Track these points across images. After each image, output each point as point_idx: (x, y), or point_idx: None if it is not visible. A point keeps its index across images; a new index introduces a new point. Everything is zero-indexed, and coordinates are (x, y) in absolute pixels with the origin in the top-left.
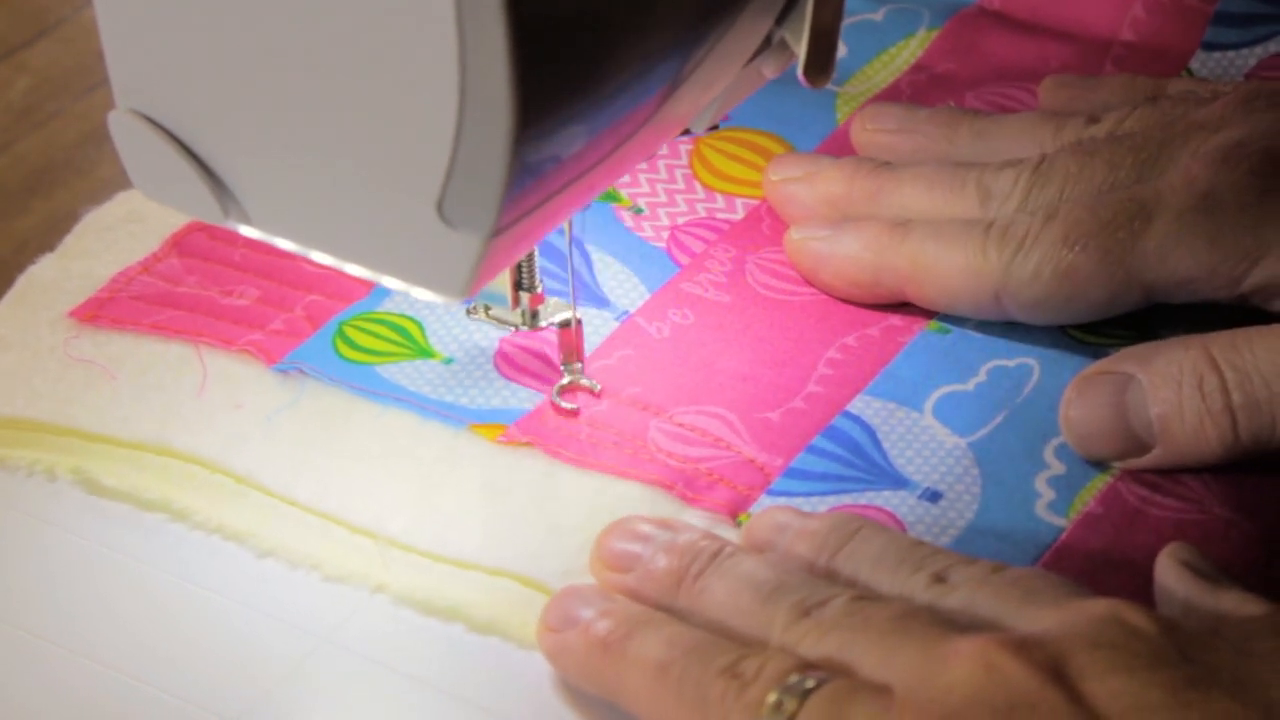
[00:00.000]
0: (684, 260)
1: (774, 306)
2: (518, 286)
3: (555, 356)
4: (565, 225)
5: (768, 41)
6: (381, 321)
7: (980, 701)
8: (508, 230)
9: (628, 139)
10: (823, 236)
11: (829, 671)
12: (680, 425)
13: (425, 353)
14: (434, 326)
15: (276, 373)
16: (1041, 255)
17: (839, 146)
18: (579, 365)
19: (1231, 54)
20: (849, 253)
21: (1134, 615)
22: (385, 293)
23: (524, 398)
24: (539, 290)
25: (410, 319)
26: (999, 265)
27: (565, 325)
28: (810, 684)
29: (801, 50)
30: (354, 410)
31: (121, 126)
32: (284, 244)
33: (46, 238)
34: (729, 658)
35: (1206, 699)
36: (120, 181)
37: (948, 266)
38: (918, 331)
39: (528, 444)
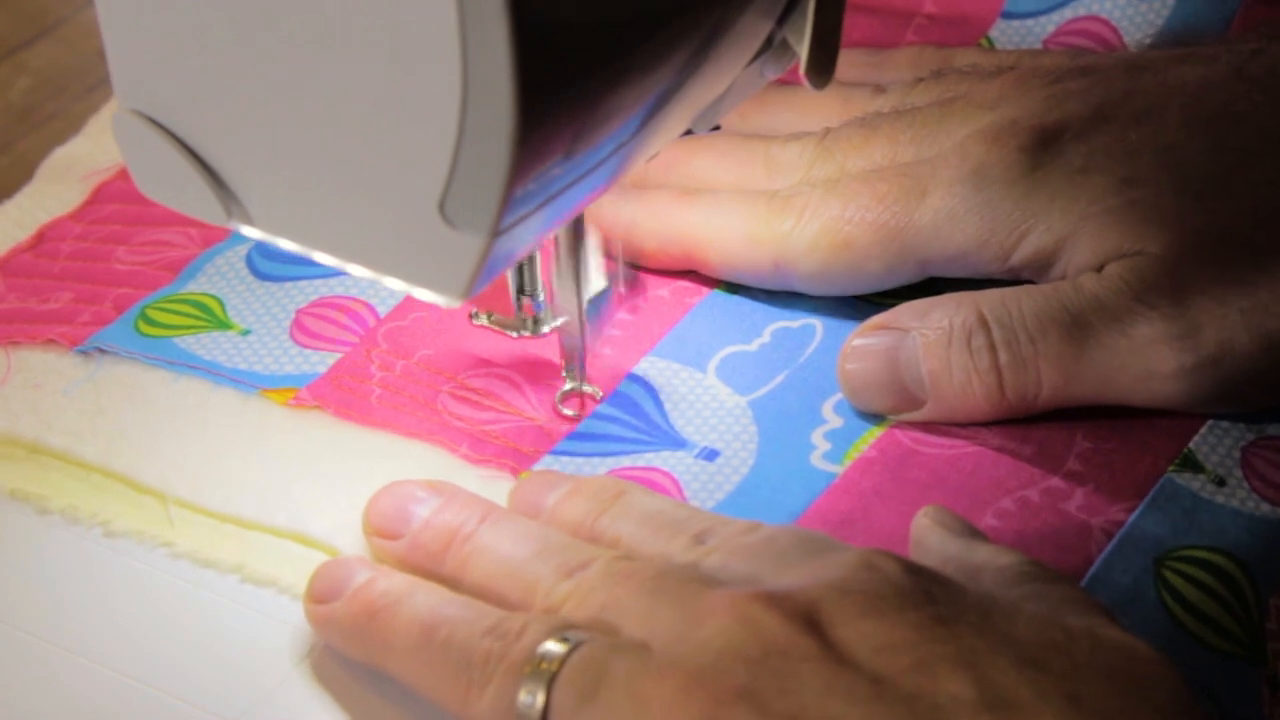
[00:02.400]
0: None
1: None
2: (520, 292)
3: (357, 319)
4: (570, 246)
5: (769, 42)
6: (184, 300)
7: (735, 653)
8: (509, 231)
9: (629, 140)
10: (609, 203)
11: (592, 632)
12: (470, 390)
13: (223, 324)
14: (234, 302)
15: (77, 355)
16: (819, 227)
17: None
18: (581, 370)
19: (1030, 22)
20: (634, 219)
21: (883, 561)
22: (191, 277)
23: (317, 362)
24: (541, 296)
25: (212, 296)
26: (778, 235)
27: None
28: (572, 643)
29: (803, 51)
30: (148, 380)
31: (123, 126)
32: (286, 244)
33: None
34: (492, 619)
35: (952, 634)
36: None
37: (730, 235)
38: (706, 294)
39: (317, 407)
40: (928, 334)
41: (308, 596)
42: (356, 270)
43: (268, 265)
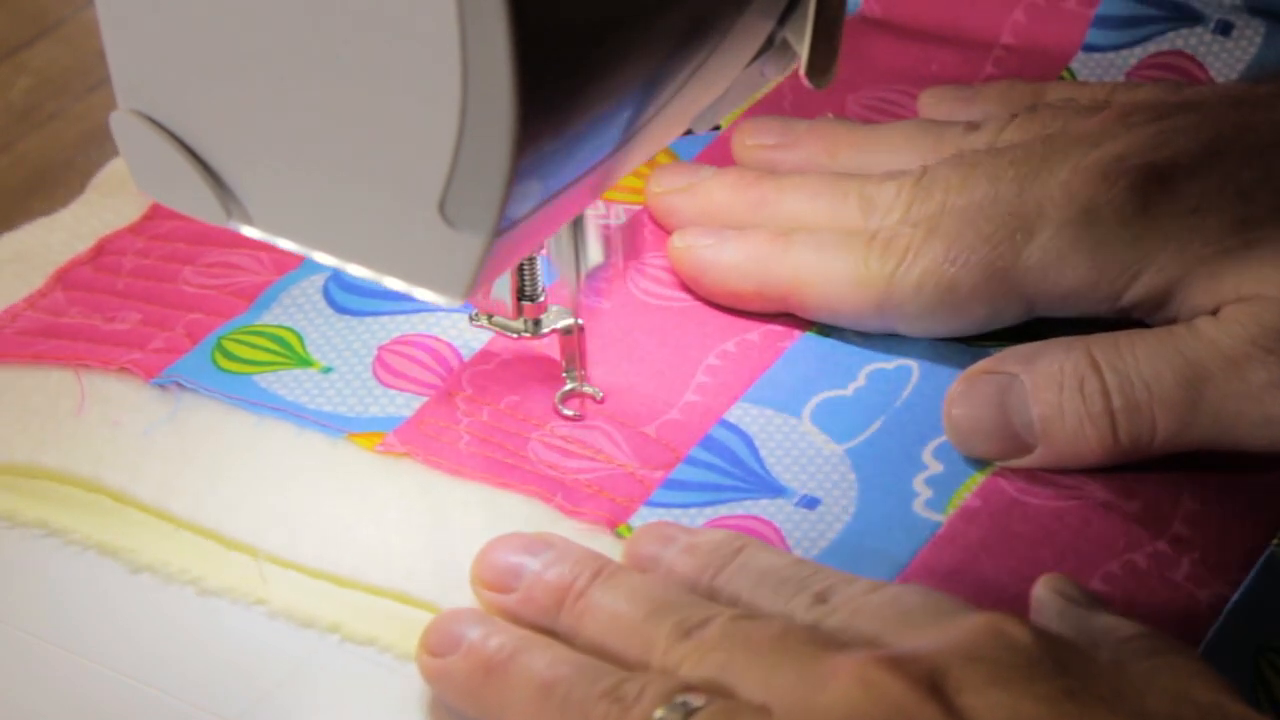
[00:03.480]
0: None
1: (654, 313)
2: (520, 294)
3: (439, 360)
4: (570, 228)
5: (769, 42)
6: (260, 333)
7: (858, 718)
8: (510, 231)
9: (629, 139)
10: (706, 245)
11: (710, 693)
12: (561, 438)
13: (304, 361)
14: (313, 336)
15: (154, 388)
16: (924, 269)
17: (721, 154)
18: (582, 372)
19: (1112, 55)
20: (732, 261)
21: (1012, 628)
22: (265, 307)
23: (402, 404)
24: (541, 298)
25: (290, 330)
26: (882, 278)
27: (567, 332)
28: (691, 706)
29: (803, 51)
30: (231, 422)
31: (123, 126)
32: (286, 244)
33: None
34: (611, 680)
35: (1083, 710)
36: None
37: (830, 278)
38: (798, 336)
39: (406, 454)
40: (1038, 378)
41: (421, 649)
42: (356, 270)
43: (345, 298)
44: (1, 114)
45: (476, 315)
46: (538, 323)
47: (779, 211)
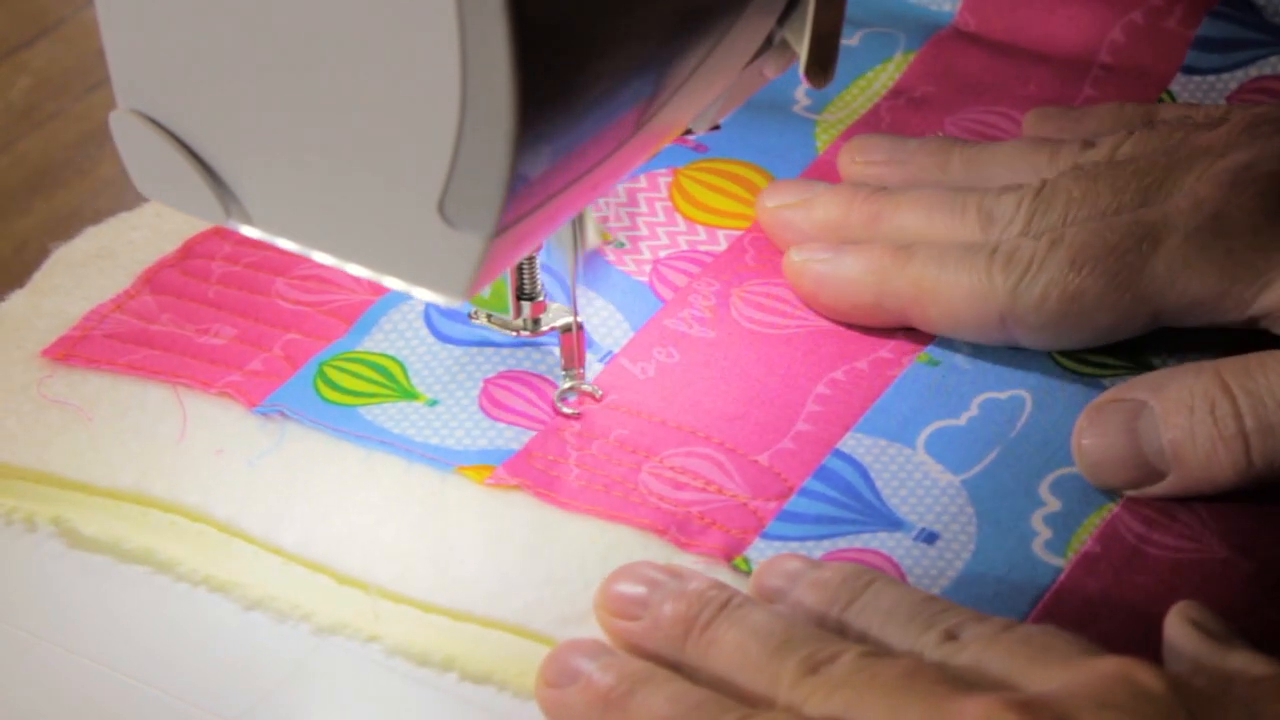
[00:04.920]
0: (667, 295)
1: (760, 341)
2: (519, 294)
3: (545, 395)
4: (571, 229)
5: (769, 42)
6: (362, 361)
7: None
8: (509, 230)
9: (629, 139)
10: (824, 259)
11: None
12: (671, 469)
13: (409, 394)
14: (416, 367)
15: (257, 415)
16: (1048, 279)
17: (820, 175)
18: (580, 370)
19: (1212, 78)
20: (851, 275)
21: (1144, 674)
22: (365, 331)
23: (510, 438)
24: (540, 298)
25: (392, 359)
26: (1005, 289)
27: (567, 330)
28: None
29: (803, 51)
30: (338, 454)
31: (123, 126)
32: (285, 244)
33: (47, 238)
34: (733, 716)
35: None
36: (120, 181)
37: (953, 290)
38: (907, 364)
39: (516, 487)
40: (1168, 404)
41: (540, 681)
42: (356, 270)
43: (448, 326)
44: (1, 114)
45: (475, 314)
46: (537, 321)
47: (895, 225)
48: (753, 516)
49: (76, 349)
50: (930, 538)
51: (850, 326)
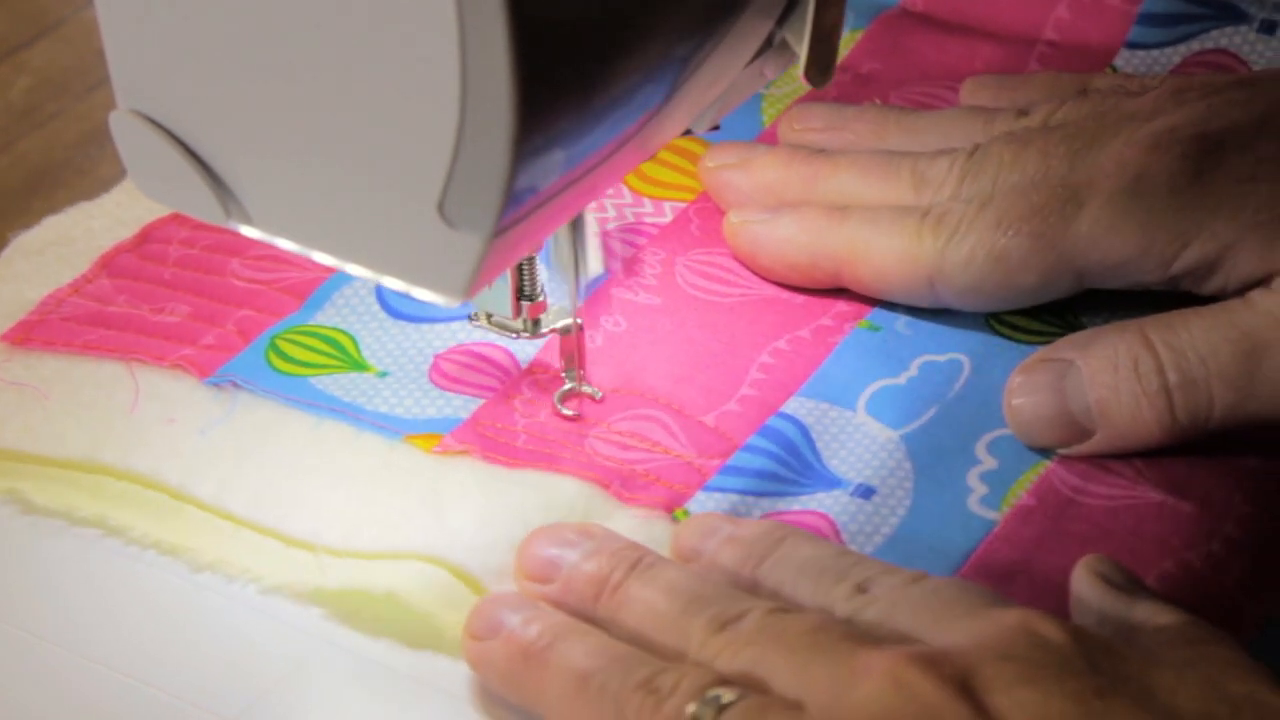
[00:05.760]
0: (614, 266)
1: (706, 309)
2: (519, 294)
3: (497, 366)
4: (569, 230)
5: (769, 42)
6: (314, 334)
7: (889, 718)
8: (509, 231)
9: (629, 139)
10: (761, 220)
11: (744, 687)
12: (618, 433)
13: (359, 366)
14: (367, 340)
15: (209, 387)
16: (975, 240)
17: (769, 142)
18: (580, 372)
19: (1155, 52)
20: (787, 235)
21: (1044, 625)
22: (317, 306)
23: (459, 406)
24: (540, 298)
25: (344, 332)
26: (934, 250)
27: (566, 332)
28: (724, 700)
29: (802, 51)
30: (288, 422)
31: (122, 126)
32: (285, 244)
33: None
34: (647, 671)
35: (1111, 708)
36: (120, 181)
37: (883, 251)
38: (849, 331)
39: (463, 453)
40: (1093, 362)
41: (466, 632)
42: (356, 270)
43: (401, 302)
44: (1, 114)
45: (475, 315)
46: (537, 322)
47: (832, 188)
48: (696, 473)
49: (34, 333)
50: (867, 492)
51: (794, 294)
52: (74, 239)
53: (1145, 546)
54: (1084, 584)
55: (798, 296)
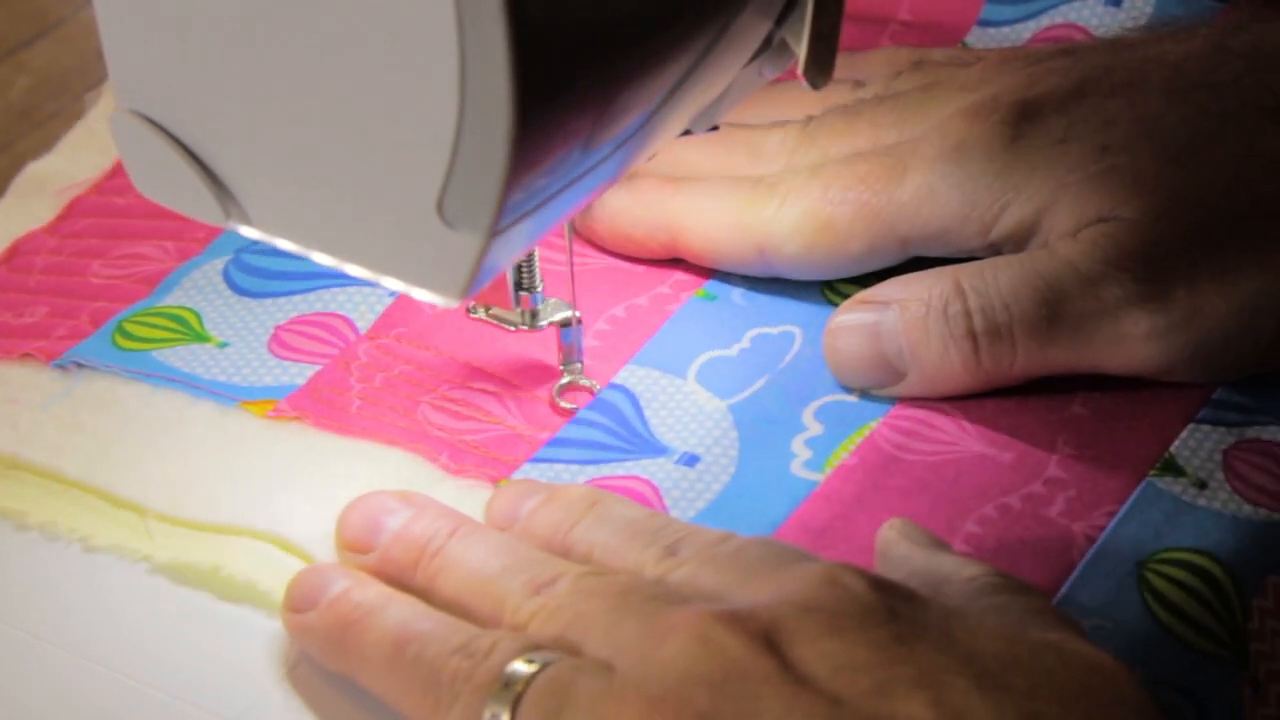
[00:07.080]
0: None
1: (545, 278)
2: (518, 287)
3: (336, 334)
4: (566, 226)
5: (768, 42)
6: (160, 314)
7: (695, 675)
8: (507, 231)
9: (627, 139)
10: None
11: (558, 650)
12: (452, 401)
13: (200, 337)
14: (212, 316)
15: (54, 369)
16: (802, 210)
17: None
18: (578, 365)
19: (1006, 29)
20: (621, 206)
21: (847, 576)
22: (167, 291)
23: (295, 374)
24: (539, 291)
25: (189, 309)
26: (761, 220)
27: (565, 324)
28: (537, 664)
29: (802, 51)
30: (126, 394)
31: (122, 126)
32: (284, 244)
33: None
34: (463, 637)
35: (912, 654)
36: None
37: (715, 220)
38: (685, 299)
39: (297, 418)
40: (907, 304)
41: (285, 604)
42: (355, 270)
43: (246, 280)
44: (1, 114)
45: (474, 307)
46: (535, 315)
47: (672, 159)
48: (526, 445)
49: None
50: (692, 461)
51: (635, 263)
52: None
53: (964, 495)
54: (889, 544)
55: (638, 266)
